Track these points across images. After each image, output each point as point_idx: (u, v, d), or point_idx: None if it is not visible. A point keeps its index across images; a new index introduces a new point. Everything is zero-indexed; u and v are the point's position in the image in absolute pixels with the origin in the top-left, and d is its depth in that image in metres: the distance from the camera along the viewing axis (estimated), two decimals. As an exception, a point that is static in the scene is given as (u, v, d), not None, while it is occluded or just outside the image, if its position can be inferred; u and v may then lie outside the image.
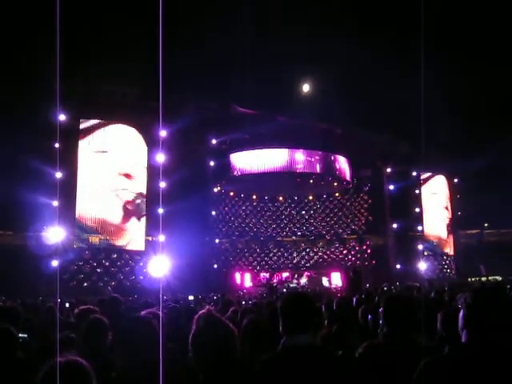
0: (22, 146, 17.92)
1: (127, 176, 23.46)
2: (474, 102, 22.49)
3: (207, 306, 2.81)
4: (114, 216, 22.98)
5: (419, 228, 30.64)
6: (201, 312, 2.60)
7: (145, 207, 23.58)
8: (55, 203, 19.17)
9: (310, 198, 32.53)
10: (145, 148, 23.88)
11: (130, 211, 23.44)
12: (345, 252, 31.33)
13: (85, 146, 22.88)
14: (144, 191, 23.69)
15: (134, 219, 23.53)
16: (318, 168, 28.24)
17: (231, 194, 30.88)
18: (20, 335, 3.65)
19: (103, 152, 23.08)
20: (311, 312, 2.55)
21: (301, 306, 2.53)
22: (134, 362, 2.38)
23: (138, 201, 23.50)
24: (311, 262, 31.52)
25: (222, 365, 2.37)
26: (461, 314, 2.22)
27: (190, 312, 4.77)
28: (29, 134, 17.95)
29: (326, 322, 4.93)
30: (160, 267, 17.70)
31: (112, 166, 23.22)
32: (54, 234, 18.92)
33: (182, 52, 15.02)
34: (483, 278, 21.44)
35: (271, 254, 31.73)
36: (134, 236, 23.44)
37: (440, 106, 17.13)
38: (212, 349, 2.40)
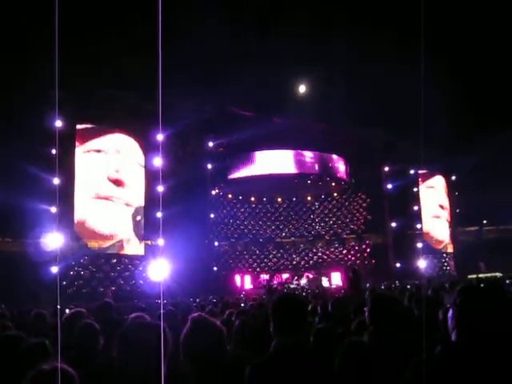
0: (18, 153, 17.85)
1: (119, 183, 23.08)
2: (472, 99, 22.48)
3: (198, 312, 2.85)
4: (110, 227, 22.80)
5: (418, 226, 30.65)
6: (192, 315, 2.63)
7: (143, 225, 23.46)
8: (53, 209, 19.10)
9: (309, 198, 32.54)
10: (141, 157, 23.73)
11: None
12: (344, 252, 31.32)
13: (80, 149, 22.60)
14: (143, 204, 23.54)
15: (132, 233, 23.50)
16: (315, 168, 28.23)
17: (229, 196, 30.88)
18: None
19: (97, 152, 22.73)
20: (301, 313, 2.53)
21: (291, 307, 2.50)
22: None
23: (138, 217, 23.35)
24: (311, 262, 31.50)
25: (213, 364, 2.39)
26: (450, 313, 2.22)
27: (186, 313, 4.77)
28: (25, 140, 17.89)
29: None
30: (160, 271, 17.61)
31: (105, 170, 22.81)
32: (53, 241, 18.82)
33: (178, 54, 14.98)
34: (482, 275, 21.40)
35: (271, 256, 31.70)
36: (131, 242, 23.46)
37: (437, 103, 17.09)
38: (203, 348, 2.44)
